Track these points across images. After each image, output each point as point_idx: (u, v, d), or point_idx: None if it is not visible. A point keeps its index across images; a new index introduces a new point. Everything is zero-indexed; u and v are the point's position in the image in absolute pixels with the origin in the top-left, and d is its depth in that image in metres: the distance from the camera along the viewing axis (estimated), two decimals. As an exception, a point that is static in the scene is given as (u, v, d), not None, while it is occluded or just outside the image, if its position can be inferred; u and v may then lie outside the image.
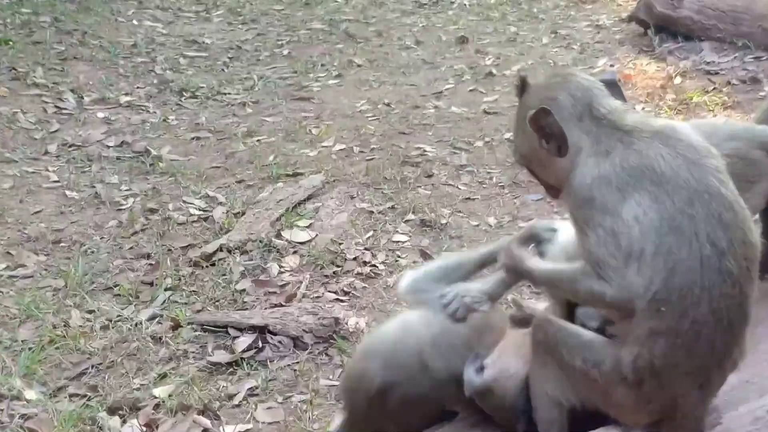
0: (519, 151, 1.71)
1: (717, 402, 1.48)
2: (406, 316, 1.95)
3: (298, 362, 2.93)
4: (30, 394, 2.76)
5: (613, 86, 1.65)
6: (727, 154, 1.60)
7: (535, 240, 1.98)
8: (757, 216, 1.88)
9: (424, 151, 4.62)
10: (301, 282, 3.39)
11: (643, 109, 4.94)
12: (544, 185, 1.72)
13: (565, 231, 1.95)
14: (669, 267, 1.39)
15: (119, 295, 3.39)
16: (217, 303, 3.31)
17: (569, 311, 1.72)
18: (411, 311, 1.98)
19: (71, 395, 2.81)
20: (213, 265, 3.56)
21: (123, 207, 4.13)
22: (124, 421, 2.68)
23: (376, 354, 1.87)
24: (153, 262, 3.61)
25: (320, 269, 3.49)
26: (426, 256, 3.53)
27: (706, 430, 1.46)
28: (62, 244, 3.80)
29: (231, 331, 3.08)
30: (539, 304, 2.11)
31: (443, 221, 3.84)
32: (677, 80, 5.34)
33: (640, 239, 1.41)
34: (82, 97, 5.49)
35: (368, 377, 1.82)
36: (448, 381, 1.79)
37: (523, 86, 1.67)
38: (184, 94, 5.66)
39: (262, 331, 3.04)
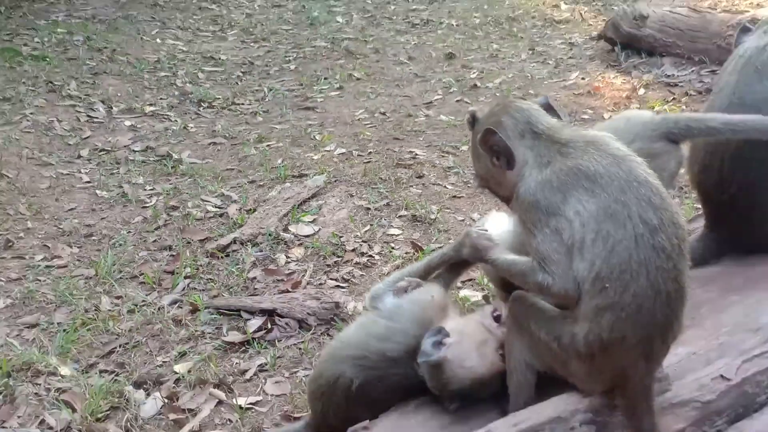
0: (478, 174, 1.73)
1: (667, 371, 1.48)
2: (362, 320, 1.93)
3: (302, 341, 2.93)
4: (64, 371, 2.77)
5: (549, 108, 1.68)
6: None
7: None
8: None
9: (416, 154, 4.60)
10: (305, 270, 3.40)
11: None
12: (502, 199, 1.73)
13: (495, 224, 1.95)
14: (608, 248, 1.40)
15: (144, 282, 3.39)
16: (231, 289, 3.31)
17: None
18: (367, 315, 1.97)
19: (101, 371, 2.82)
20: (227, 255, 3.56)
21: (147, 205, 4.13)
22: (148, 394, 2.70)
23: (346, 358, 1.79)
24: (174, 254, 3.61)
25: (323, 259, 3.50)
26: (417, 247, 3.54)
27: (656, 396, 1.45)
28: (93, 238, 3.80)
29: (243, 314, 3.09)
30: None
31: (432, 217, 3.83)
32: (641, 91, 5.35)
33: (581, 230, 1.43)
34: (111, 107, 5.49)
35: (344, 380, 1.75)
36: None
37: (473, 120, 1.70)
38: (202, 104, 5.66)
39: (271, 314, 3.05)
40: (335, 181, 4.23)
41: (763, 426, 1.46)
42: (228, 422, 2.58)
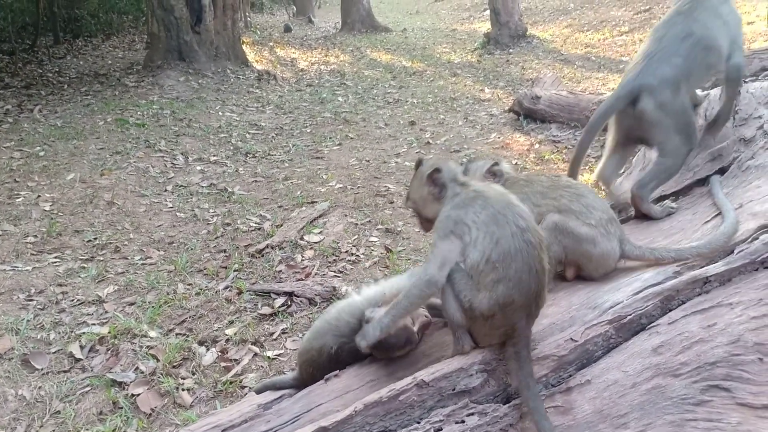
0: (412, 198, 1.67)
1: (535, 336, 1.49)
2: (338, 306, 1.82)
3: (311, 313, 2.95)
4: (152, 334, 2.79)
5: (495, 165, 1.75)
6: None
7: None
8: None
9: (389, 188, 4.65)
10: (314, 265, 3.42)
11: (516, 163, 4.97)
12: (422, 220, 1.68)
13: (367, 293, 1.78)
14: (495, 240, 1.41)
15: (207, 274, 3.41)
16: (264, 278, 3.33)
17: None
18: (338, 302, 1.87)
19: (177, 334, 2.84)
20: (263, 256, 3.59)
21: (210, 222, 4.14)
22: (207, 349, 2.72)
23: (327, 332, 1.72)
24: (227, 255, 3.63)
25: (325, 258, 3.52)
26: (388, 250, 3.56)
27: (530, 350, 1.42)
28: (173, 244, 3.81)
29: (272, 295, 3.11)
30: None
31: (399, 229, 3.86)
32: (536, 146, 5.41)
33: (476, 230, 1.44)
34: (188, 158, 5.50)
35: (326, 347, 1.68)
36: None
37: (419, 163, 1.69)
38: (248, 155, 5.67)
39: (290, 295, 3.07)
40: (335, 206, 4.27)
41: (599, 371, 1.45)
42: (261, 368, 2.60)
